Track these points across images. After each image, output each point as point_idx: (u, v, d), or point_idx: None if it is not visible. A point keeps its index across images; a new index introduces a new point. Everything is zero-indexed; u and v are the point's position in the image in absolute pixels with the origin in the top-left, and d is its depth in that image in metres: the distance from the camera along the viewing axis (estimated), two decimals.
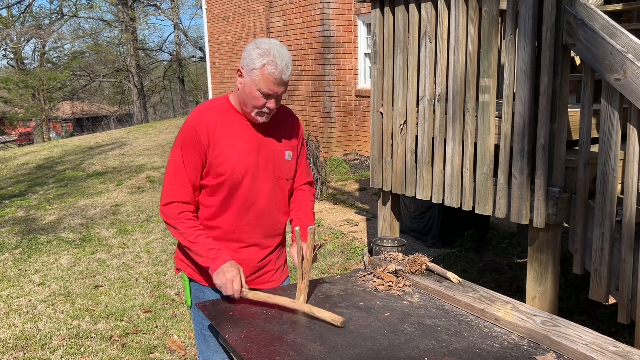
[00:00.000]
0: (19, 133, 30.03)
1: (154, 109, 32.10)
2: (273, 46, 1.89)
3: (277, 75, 1.88)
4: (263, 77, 1.88)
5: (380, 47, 3.95)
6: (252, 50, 1.90)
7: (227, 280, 1.89)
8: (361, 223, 6.23)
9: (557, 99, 2.84)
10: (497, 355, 1.55)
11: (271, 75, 1.87)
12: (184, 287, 2.17)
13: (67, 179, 9.66)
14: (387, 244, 2.29)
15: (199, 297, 2.12)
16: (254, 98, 1.92)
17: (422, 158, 3.67)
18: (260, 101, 1.92)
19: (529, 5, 2.86)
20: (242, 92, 1.95)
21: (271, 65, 1.87)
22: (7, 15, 25.45)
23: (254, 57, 1.88)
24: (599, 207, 2.69)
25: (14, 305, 4.33)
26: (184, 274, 2.14)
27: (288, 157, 2.11)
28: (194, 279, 2.12)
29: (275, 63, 1.87)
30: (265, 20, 12.14)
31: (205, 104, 2.06)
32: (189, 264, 2.11)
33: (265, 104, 1.93)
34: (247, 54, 1.91)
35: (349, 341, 1.63)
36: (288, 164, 2.11)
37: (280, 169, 2.09)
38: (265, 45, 1.89)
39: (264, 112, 1.96)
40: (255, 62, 1.88)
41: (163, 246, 5.71)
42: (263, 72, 1.87)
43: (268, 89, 1.90)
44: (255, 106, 1.94)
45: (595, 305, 3.81)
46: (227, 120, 2.00)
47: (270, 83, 1.89)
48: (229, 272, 1.90)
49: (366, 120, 9.49)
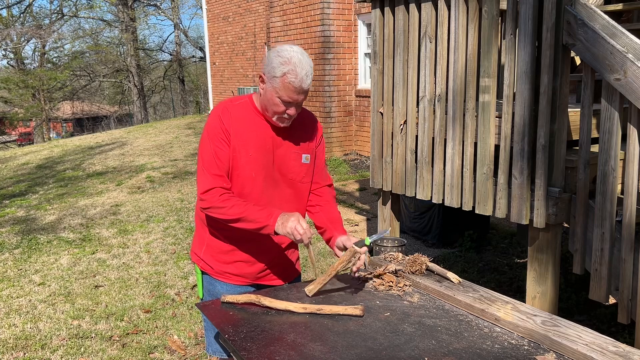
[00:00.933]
0: (19, 133, 30.01)
1: (154, 109, 32.10)
2: (294, 54, 1.91)
3: (297, 84, 1.90)
4: (284, 85, 1.90)
5: (380, 47, 3.95)
6: (274, 57, 1.92)
7: (291, 229, 1.90)
8: (361, 223, 6.23)
9: (557, 99, 2.84)
10: (497, 356, 1.55)
11: (291, 84, 1.90)
12: (197, 279, 2.24)
13: (67, 179, 9.66)
14: (387, 244, 2.29)
15: (210, 290, 2.18)
16: (274, 105, 1.95)
17: (422, 158, 3.67)
18: (281, 107, 1.95)
19: (529, 5, 2.86)
20: (264, 97, 1.98)
21: (291, 74, 1.89)
22: (7, 15, 25.46)
23: (275, 65, 1.91)
24: (599, 207, 2.69)
25: (14, 305, 4.34)
26: (197, 267, 2.21)
27: (305, 160, 2.13)
28: (206, 272, 2.18)
29: (296, 72, 1.89)
30: (266, 20, 12.14)
31: (229, 100, 2.10)
32: (202, 257, 2.18)
33: (285, 111, 1.97)
34: (268, 61, 1.94)
35: (349, 341, 1.63)
36: (305, 167, 2.13)
37: (295, 171, 2.11)
38: (286, 54, 1.91)
39: (284, 118, 2.00)
40: (276, 70, 1.90)
41: (163, 246, 5.72)
42: (283, 80, 1.90)
43: (288, 97, 1.93)
44: (275, 112, 1.97)
45: (595, 305, 3.81)
46: (247, 118, 2.04)
47: (291, 91, 1.91)
48: (287, 221, 1.92)
49: (366, 120, 9.49)
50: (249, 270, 2.14)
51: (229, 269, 2.14)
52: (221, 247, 2.13)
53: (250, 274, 2.15)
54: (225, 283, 2.15)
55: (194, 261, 2.23)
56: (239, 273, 2.15)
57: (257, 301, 1.87)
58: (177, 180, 9.00)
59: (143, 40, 31.75)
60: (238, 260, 2.13)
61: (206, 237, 2.16)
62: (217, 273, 2.15)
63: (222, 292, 2.12)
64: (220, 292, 2.14)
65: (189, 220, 6.64)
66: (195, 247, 2.23)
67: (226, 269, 2.14)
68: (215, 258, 2.15)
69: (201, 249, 2.18)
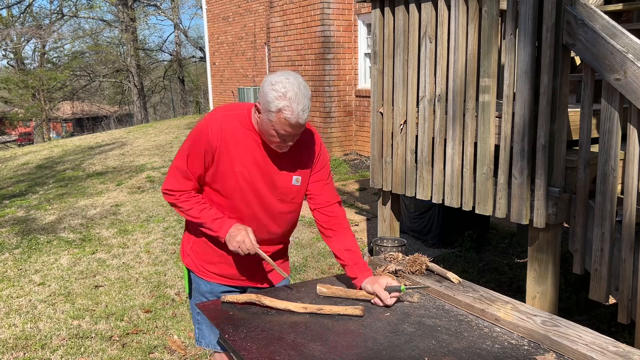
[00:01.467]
0: (19, 133, 30.01)
1: (154, 109, 32.10)
2: (290, 87, 1.82)
3: (293, 120, 1.83)
4: (279, 120, 1.84)
5: (380, 47, 3.95)
6: (269, 91, 1.84)
7: (237, 243, 1.95)
8: (361, 223, 6.23)
9: (557, 99, 2.84)
10: (497, 355, 1.55)
11: (287, 120, 1.83)
12: (184, 276, 2.28)
13: (67, 179, 9.66)
14: (387, 244, 2.29)
15: (195, 287, 2.22)
16: (271, 135, 1.91)
17: (422, 158, 3.67)
18: (277, 139, 1.91)
19: (529, 5, 2.86)
20: (261, 126, 1.93)
21: (287, 111, 1.82)
22: (7, 15, 25.46)
23: (269, 99, 1.83)
24: (599, 207, 2.69)
25: (14, 305, 4.34)
26: (183, 264, 2.25)
27: (296, 182, 2.06)
28: (191, 269, 2.21)
29: (292, 108, 1.82)
30: (265, 20, 12.14)
31: (224, 109, 2.04)
32: (188, 253, 2.21)
33: (281, 142, 1.92)
34: (263, 93, 1.87)
35: (349, 341, 1.63)
36: (295, 189, 2.08)
37: (284, 192, 2.06)
38: (281, 87, 1.82)
39: (281, 146, 1.95)
40: (271, 105, 1.83)
41: (163, 246, 5.72)
42: (279, 116, 1.83)
43: (284, 131, 1.87)
44: (272, 142, 1.94)
45: (595, 305, 3.81)
46: (239, 133, 1.98)
47: (287, 126, 1.85)
48: (237, 235, 1.95)
49: (366, 120, 9.49)
50: (230, 272, 2.14)
51: (212, 268, 2.15)
52: (205, 246, 2.14)
53: (232, 275, 2.15)
54: (208, 282, 2.16)
55: (182, 257, 2.25)
56: (221, 273, 2.15)
57: (257, 301, 1.87)
58: None
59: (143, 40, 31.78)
60: (220, 261, 2.13)
61: (192, 235, 2.19)
62: (201, 271, 2.17)
63: (205, 291, 2.16)
64: (204, 290, 2.16)
65: None
66: (183, 244, 2.25)
67: (209, 268, 2.16)
68: (199, 257, 2.16)
69: (188, 246, 2.21)
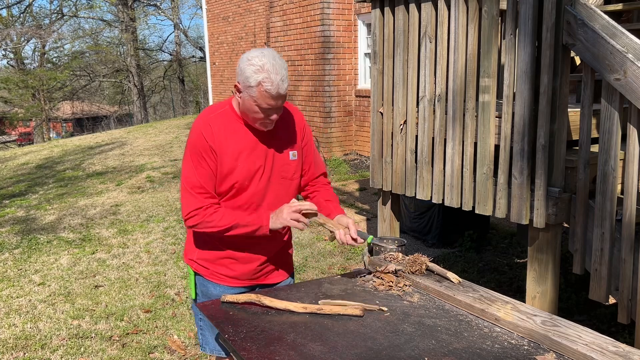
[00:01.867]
0: (19, 133, 30.01)
1: (154, 109, 32.09)
2: (267, 60, 1.87)
3: (274, 92, 1.87)
4: (260, 94, 1.87)
5: (380, 47, 3.95)
6: (246, 67, 1.88)
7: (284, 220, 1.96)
8: (361, 223, 6.23)
9: (557, 99, 2.84)
10: (497, 356, 1.55)
11: (268, 92, 1.87)
12: (190, 280, 2.23)
13: (67, 179, 9.66)
14: (387, 244, 2.28)
15: (204, 292, 2.18)
16: (254, 112, 1.94)
17: (422, 158, 3.67)
18: (261, 115, 1.94)
19: (529, 5, 2.86)
20: (243, 106, 1.96)
21: (267, 82, 1.86)
22: (7, 15, 25.45)
23: (248, 74, 1.87)
24: (599, 207, 2.69)
25: (14, 305, 4.34)
26: (190, 268, 2.20)
27: (293, 157, 2.12)
28: (200, 273, 2.17)
29: (271, 79, 1.86)
30: (265, 20, 12.14)
31: (208, 111, 2.06)
32: (195, 259, 2.17)
33: (266, 117, 1.95)
34: (241, 71, 1.90)
35: (349, 341, 1.63)
36: (294, 164, 2.13)
37: (285, 170, 2.11)
38: (258, 61, 1.87)
39: (267, 123, 1.98)
40: (251, 80, 1.87)
41: (163, 246, 5.72)
42: (259, 89, 1.87)
43: (267, 104, 1.90)
44: (256, 119, 1.96)
45: (595, 305, 3.81)
46: (231, 127, 2.01)
47: (268, 99, 1.89)
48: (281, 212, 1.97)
49: (366, 120, 9.49)
50: (243, 270, 2.14)
51: (223, 270, 2.14)
52: (214, 249, 2.12)
53: (244, 274, 2.15)
54: (219, 285, 2.14)
55: (187, 263, 2.22)
56: (233, 275, 2.14)
57: (257, 300, 1.87)
58: (177, 180, 9.00)
59: (143, 40, 31.75)
60: (232, 261, 2.13)
61: (199, 240, 2.16)
62: (211, 274, 2.15)
63: (215, 294, 2.12)
64: (214, 293, 2.13)
65: None
66: (188, 250, 2.22)
67: (220, 270, 2.14)
68: (209, 260, 2.14)
69: (194, 252, 2.17)
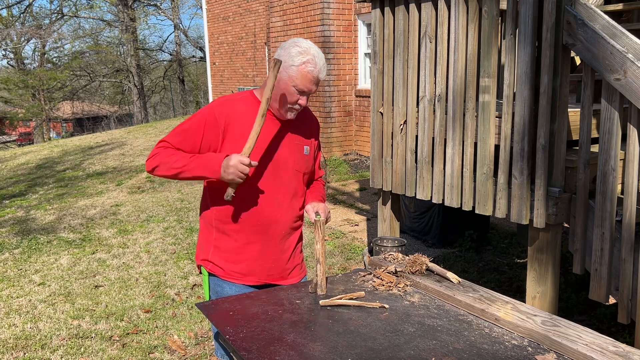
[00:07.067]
0: (19, 133, 30.00)
1: (154, 109, 32.08)
2: (312, 46, 1.98)
3: (315, 74, 1.96)
4: (301, 74, 1.94)
5: (380, 47, 3.95)
6: (292, 47, 1.97)
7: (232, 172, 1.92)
8: (361, 223, 6.23)
9: (557, 99, 2.84)
10: (498, 356, 1.55)
11: (310, 73, 1.95)
12: (203, 282, 2.23)
13: (67, 179, 9.66)
14: (387, 244, 2.29)
15: (218, 292, 2.17)
16: (289, 94, 1.98)
17: (422, 158, 3.67)
18: (294, 97, 1.99)
19: (529, 5, 2.86)
20: (277, 87, 1.99)
21: (311, 64, 1.95)
22: (7, 15, 25.45)
23: (293, 54, 1.95)
24: (599, 207, 2.69)
25: (14, 305, 4.33)
26: (204, 269, 2.19)
27: (306, 152, 2.17)
28: (214, 274, 2.17)
29: (315, 62, 1.95)
30: (265, 20, 12.14)
31: (229, 96, 2.13)
32: (209, 258, 2.17)
33: (297, 100, 2.00)
34: (285, 51, 1.97)
35: (349, 341, 1.63)
36: (306, 159, 2.18)
37: (299, 163, 2.15)
38: (304, 44, 1.97)
39: (294, 109, 2.03)
40: (295, 59, 1.94)
41: (163, 246, 5.72)
42: (302, 69, 1.94)
43: (304, 86, 1.97)
44: (287, 102, 2.00)
45: (595, 305, 3.81)
46: (249, 111, 2.04)
47: (308, 81, 1.96)
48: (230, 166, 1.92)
49: (366, 120, 9.49)
50: (259, 268, 2.14)
51: (239, 268, 2.13)
52: (230, 246, 2.12)
53: (260, 272, 2.15)
54: (234, 284, 2.14)
55: (201, 264, 2.20)
56: (249, 272, 2.14)
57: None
58: (177, 180, 9.00)
59: (143, 40, 31.76)
60: (248, 257, 2.12)
61: (213, 239, 2.15)
62: (227, 274, 2.14)
63: (230, 294, 2.12)
64: (229, 293, 2.13)
65: (189, 220, 6.64)
66: (201, 250, 2.20)
67: (236, 268, 2.13)
68: (224, 259, 2.14)
69: (208, 252, 2.17)
